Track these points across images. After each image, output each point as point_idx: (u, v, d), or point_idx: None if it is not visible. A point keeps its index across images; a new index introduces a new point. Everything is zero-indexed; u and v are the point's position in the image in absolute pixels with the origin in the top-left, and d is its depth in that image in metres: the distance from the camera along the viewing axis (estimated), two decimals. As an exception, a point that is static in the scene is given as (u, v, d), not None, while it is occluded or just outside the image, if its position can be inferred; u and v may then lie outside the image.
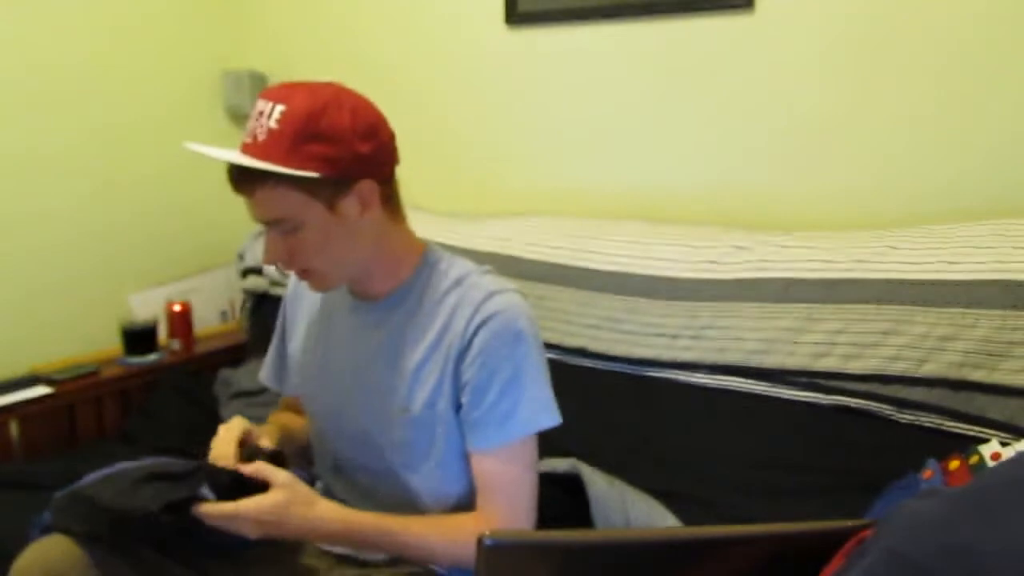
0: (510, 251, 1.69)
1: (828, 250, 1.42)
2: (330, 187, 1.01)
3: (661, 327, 1.51)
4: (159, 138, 2.23)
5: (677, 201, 1.78)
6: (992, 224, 1.34)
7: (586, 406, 1.59)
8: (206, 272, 2.34)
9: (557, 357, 1.63)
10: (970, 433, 1.25)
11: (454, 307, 1.09)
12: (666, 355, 1.52)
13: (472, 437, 1.09)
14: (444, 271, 1.13)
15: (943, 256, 1.31)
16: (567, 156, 1.94)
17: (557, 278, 1.64)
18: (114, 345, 2.03)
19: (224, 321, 2.37)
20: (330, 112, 0.99)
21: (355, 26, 2.21)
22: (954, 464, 1.14)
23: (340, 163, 1.00)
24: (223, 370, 2.03)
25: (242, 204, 1.10)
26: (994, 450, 1.12)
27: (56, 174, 2.04)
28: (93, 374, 1.92)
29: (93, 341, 2.07)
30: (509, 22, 1.95)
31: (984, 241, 1.30)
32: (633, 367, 1.56)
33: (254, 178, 1.00)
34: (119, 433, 1.91)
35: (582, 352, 1.60)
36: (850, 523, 0.72)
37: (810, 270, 1.41)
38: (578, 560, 0.70)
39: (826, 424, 1.37)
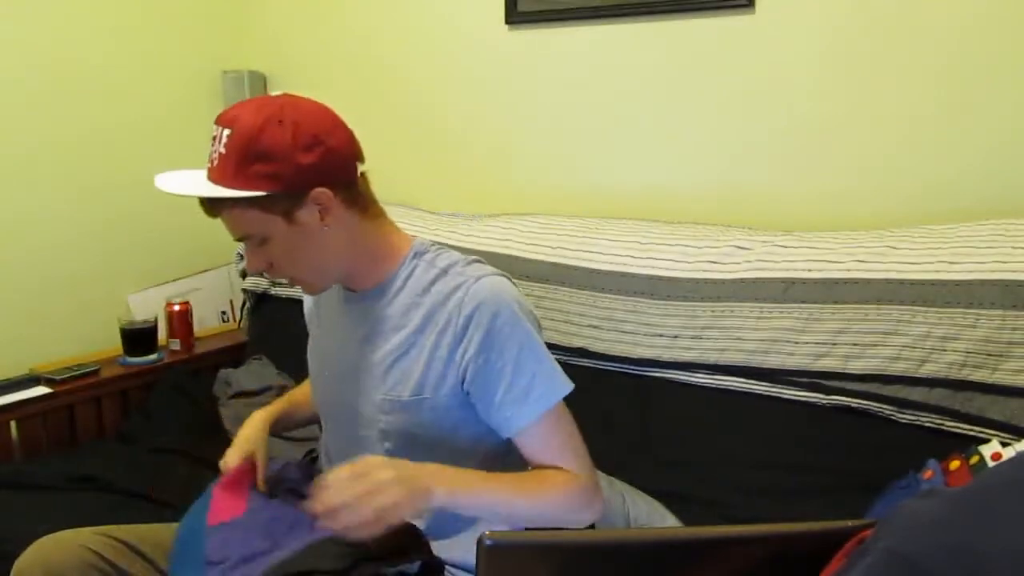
0: (510, 251, 1.69)
1: (828, 250, 1.42)
2: (283, 201, 1.03)
3: (661, 327, 1.51)
4: (159, 138, 2.23)
5: (677, 201, 1.78)
6: (992, 224, 1.33)
7: (586, 406, 1.59)
8: (206, 272, 2.34)
9: (557, 357, 1.60)
10: (970, 433, 1.25)
11: (440, 294, 1.10)
12: (666, 355, 1.52)
13: (502, 425, 1.10)
14: (431, 261, 1.15)
15: (943, 256, 1.31)
16: (567, 156, 1.94)
17: (557, 278, 1.64)
18: (114, 345, 2.03)
19: (224, 321, 2.38)
20: (269, 131, 1.01)
21: (355, 26, 2.21)
22: (954, 464, 1.14)
23: (285, 178, 1.02)
24: (223, 370, 2.03)
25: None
26: (994, 450, 1.12)
27: (56, 174, 2.04)
28: (93, 374, 1.91)
29: (93, 341, 2.07)
30: (509, 22, 1.95)
31: (984, 241, 1.30)
32: (633, 367, 1.56)
33: (213, 203, 1.05)
34: (119, 433, 1.90)
35: (582, 352, 1.60)
36: (850, 523, 0.72)
37: (810, 270, 1.41)
38: (578, 560, 0.70)
39: (826, 424, 1.37)
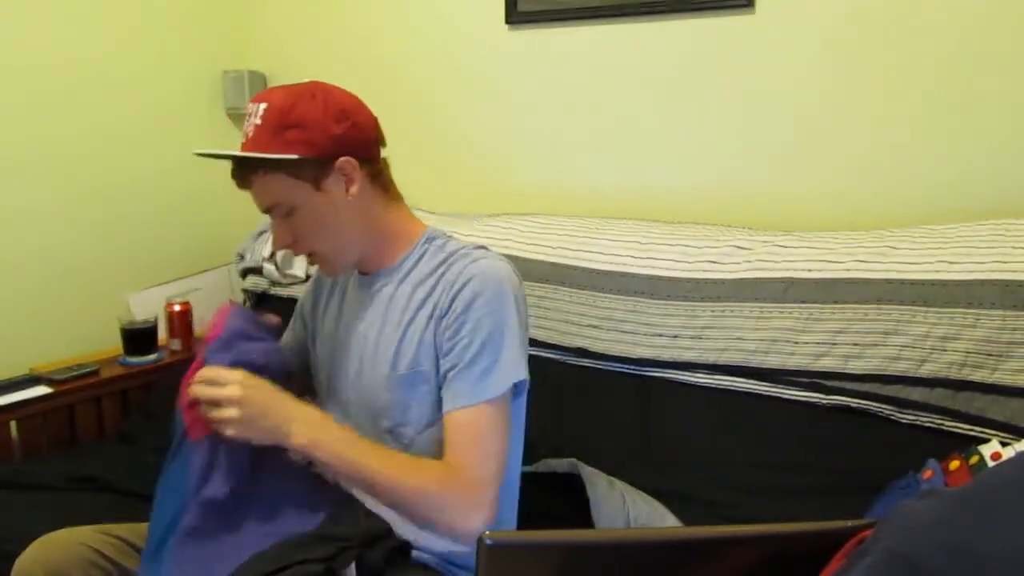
0: (510, 251, 1.69)
1: (828, 250, 1.42)
2: (312, 167, 1.11)
3: (661, 327, 1.51)
4: (159, 138, 2.23)
5: (677, 201, 1.78)
6: (992, 224, 1.34)
7: (586, 406, 1.59)
8: (206, 272, 2.34)
9: (557, 357, 1.63)
10: (970, 433, 1.25)
11: (443, 275, 1.16)
12: (666, 355, 1.52)
13: (449, 395, 1.10)
14: (440, 247, 1.21)
15: (943, 256, 1.31)
16: (567, 156, 1.94)
17: (557, 278, 1.64)
18: (114, 345, 2.03)
19: (224, 321, 2.37)
20: (302, 103, 1.10)
21: (355, 26, 2.21)
22: (954, 464, 1.14)
23: (316, 144, 1.10)
24: (223, 370, 2.02)
25: (242, 203, 1.20)
26: (994, 450, 1.12)
27: (56, 174, 2.04)
28: (93, 374, 1.91)
29: (93, 341, 2.07)
30: (509, 22, 1.95)
31: (984, 241, 1.30)
32: (633, 367, 1.56)
33: (248, 170, 1.12)
34: (119, 433, 1.90)
35: (582, 352, 1.60)
36: (850, 523, 0.72)
37: (810, 270, 1.41)
38: (578, 560, 0.70)
39: (826, 424, 1.37)
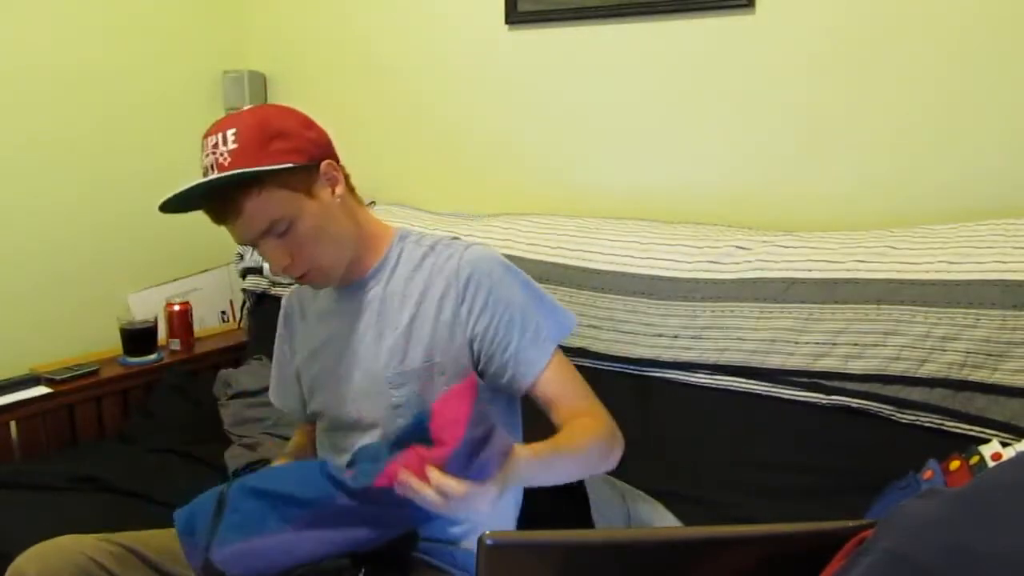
0: (510, 251, 1.69)
1: (828, 250, 1.42)
2: (302, 176, 1.10)
3: (661, 327, 1.51)
4: (159, 138, 2.23)
5: (677, 201, 1.78)
6: (992, 224, 1.33)
7: (586, 406, 1.59)
8: (206, 272, 2.34)
9: (557, 357, 1.63)
10: (970, 433, 1.25)
11: (434, 265, 1.18)
12: (666, 355, 1.52)
13: (521, 371, 1.14)
14: (416, 242, 1.23)
15: (943, 256, 1.31)
16: (567, 156, 1.93)
17: (557, 278, 1.64)
18: (114, 345, 2.03)
19: (224, 321, 2.37)
20: (273, 116, 1.11)
21: (355, 26, 2.21)
22: (954, 464, 1.14)
23: (303, 151, 1.10)
24: (223, 370, 2.02)
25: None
26: (995, 450, 1.12)
27: (56, 173, 2.04)
28: (93, 374, 1.91)
29: (93, 341, 2.07)
30: (509, 22, 1.95)
31: (984, 241, 1.30)
32: (633, 367, 1.56)
33: (239, 194, 1.07)
34: (119, 433, 1.91)
35: (582, 352, 1.60)
36: (850, 523, 0.72)
37: (810, 270, 1.41)
38: (578, 560, 0.70)
39: (826, 424, 1.37)
